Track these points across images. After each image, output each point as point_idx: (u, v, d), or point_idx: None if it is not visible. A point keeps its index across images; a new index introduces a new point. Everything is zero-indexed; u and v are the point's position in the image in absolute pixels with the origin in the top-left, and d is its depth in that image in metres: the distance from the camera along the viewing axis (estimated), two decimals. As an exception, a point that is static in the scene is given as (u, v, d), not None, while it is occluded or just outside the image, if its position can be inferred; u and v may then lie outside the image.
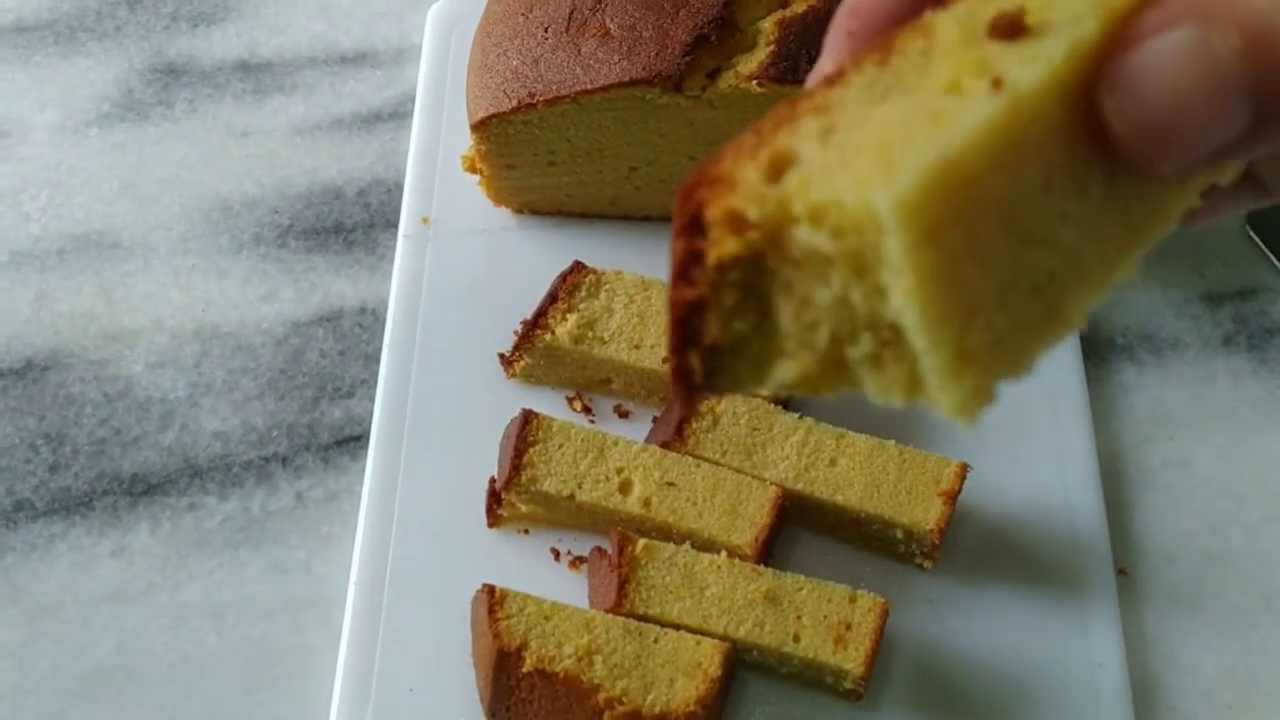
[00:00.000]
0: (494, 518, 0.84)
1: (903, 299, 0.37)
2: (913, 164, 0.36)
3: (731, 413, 0.83)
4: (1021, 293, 0.40)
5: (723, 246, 0.40)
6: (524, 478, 0.81)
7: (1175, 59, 0.39)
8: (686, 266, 0.41)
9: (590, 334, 0.86)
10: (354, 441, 0.90)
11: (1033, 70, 0.39)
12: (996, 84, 0.38)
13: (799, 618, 0.76)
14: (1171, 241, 0.45)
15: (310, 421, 0.91)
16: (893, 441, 0.82)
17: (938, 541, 0.80)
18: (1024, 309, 0.40)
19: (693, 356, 0.42)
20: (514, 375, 0.89)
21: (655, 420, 0.87)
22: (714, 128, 0.89)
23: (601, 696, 0.74)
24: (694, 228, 0.41)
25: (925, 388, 0.39)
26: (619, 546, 0.78)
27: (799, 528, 0.84)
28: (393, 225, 0.99)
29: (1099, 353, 0.93)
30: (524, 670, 0.74)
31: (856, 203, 0.37)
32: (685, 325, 0.42)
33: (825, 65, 0.49)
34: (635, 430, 0.87)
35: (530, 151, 0.92)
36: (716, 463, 0.82)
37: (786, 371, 0.42)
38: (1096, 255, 0.42)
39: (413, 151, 1.00)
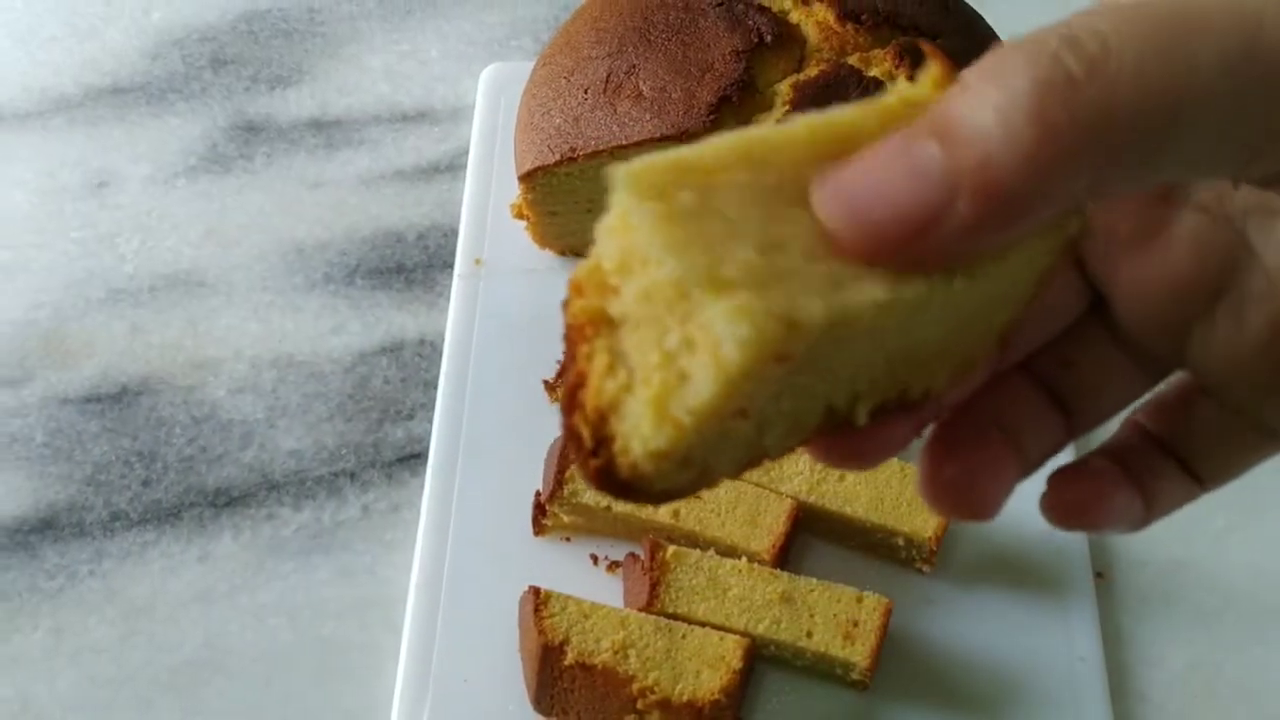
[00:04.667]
0: (539, 527, 0.84)
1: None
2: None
3: (751, 433, 0.84)
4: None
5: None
6: (566, 491, 0.81)
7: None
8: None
9: (624, 362, 0.88)
10: (414, 459, 0.90)
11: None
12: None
13: (811, 616, 0.77)
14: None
15: (375, 441, 0.92)
16: (895, 458, 0.81)
17: (935, 548, 0.81)
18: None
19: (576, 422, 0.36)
20: (557, 400, 0.90)
21: (683, 440, 0.88)
22: (735, 179, 0.90)
23: (635, 686, 0.74)
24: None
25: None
26: (650, 552, 0.79)
27: (811, 536, 0.84)
28: (449, 266, 0.99)
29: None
30: (566, 663, 0.75)
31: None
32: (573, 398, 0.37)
33: None
34: (665, 449, 0.88)
35: (571, 200, 0.93)
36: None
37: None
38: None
39: (466, 199, 1.01)
